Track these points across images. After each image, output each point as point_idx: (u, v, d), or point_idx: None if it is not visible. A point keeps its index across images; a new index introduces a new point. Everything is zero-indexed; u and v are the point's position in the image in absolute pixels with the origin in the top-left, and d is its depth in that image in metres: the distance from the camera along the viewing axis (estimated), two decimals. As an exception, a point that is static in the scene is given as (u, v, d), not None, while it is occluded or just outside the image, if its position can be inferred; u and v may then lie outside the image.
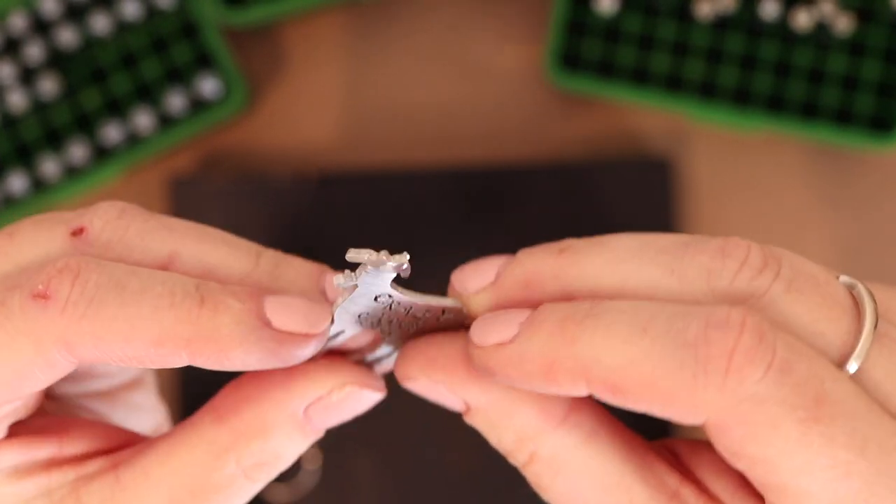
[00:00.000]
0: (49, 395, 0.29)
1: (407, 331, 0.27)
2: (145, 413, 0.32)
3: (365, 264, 0.24)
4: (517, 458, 0.26)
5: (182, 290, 0.24)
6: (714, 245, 0.23)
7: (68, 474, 0.26)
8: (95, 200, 0.58)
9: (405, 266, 0.24)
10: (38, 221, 0.27)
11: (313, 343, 0.25)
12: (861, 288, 0.23)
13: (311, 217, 0.55)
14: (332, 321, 0.25)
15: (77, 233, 0.26)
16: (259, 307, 0.24)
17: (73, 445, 0.27)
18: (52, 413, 0.29)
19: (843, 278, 0.23)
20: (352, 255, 0.24)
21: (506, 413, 0.25)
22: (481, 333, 0.25)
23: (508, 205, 0.55)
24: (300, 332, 0.24)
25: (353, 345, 0.27)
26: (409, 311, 0.26)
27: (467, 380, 0.25)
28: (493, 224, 0.55)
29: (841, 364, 0.22)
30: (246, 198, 0.55)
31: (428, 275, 0.56)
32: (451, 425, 0.54)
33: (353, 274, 0.24)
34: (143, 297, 0.24)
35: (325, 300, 0.26)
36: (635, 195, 0.55)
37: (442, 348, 0.26)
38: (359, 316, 0.26)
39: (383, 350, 0.27)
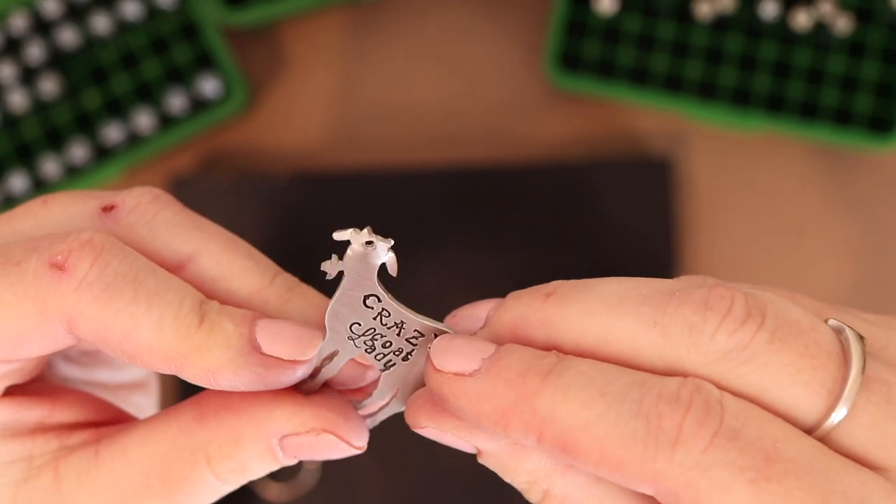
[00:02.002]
0: (52, 375, 0.30)
1: (406, 373, 0.26)
2: (143, 416, 0.32)
3: (350, 244, 0.24)
4: (531, 497, 0.26)
5: (189, 303, 0.25)
6: (697, 297, 0.23)
7: (52, 443, 0.26)
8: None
9: (390, 245, 0.24)
10: (73, 194, 0.27)
11: (301, 369, 0.25)
12: (848, 332, 0.23)
13: (311, 217, 0.55)
14: (325, 333, 0.25)
15: (107, 209, 0.27)
16: (251, 332, 0.25)
17: (62, 413, 0.27)
18: (48, 379, 0.29)
19: (832, 322, 0.23)
20: (337, 234, 0.24)
21: (517, 458, 0.25)
22: (441, 356, 0.25)
23: (508, 205, 0.55)
24: (288, 358, 0.25)
25: (351, 378, 0.27)
26: (400, 329, 0.26)
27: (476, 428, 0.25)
28: (493, 224, 0.55)
29: (826, 414, 0.22)
30: (246, 197, 0.55)
31: (428, 274, 0.57)
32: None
33: (338, 260, 0.25)
34: (155, 299, 0.24)
35: (321, 330, 0.26)
36: (635, 195, 0.55)
37: None
38: (351, 329, 0.26)
39: (380, 397, 0.27)
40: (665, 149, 0.57)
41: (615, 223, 0.55)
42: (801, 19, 0.54)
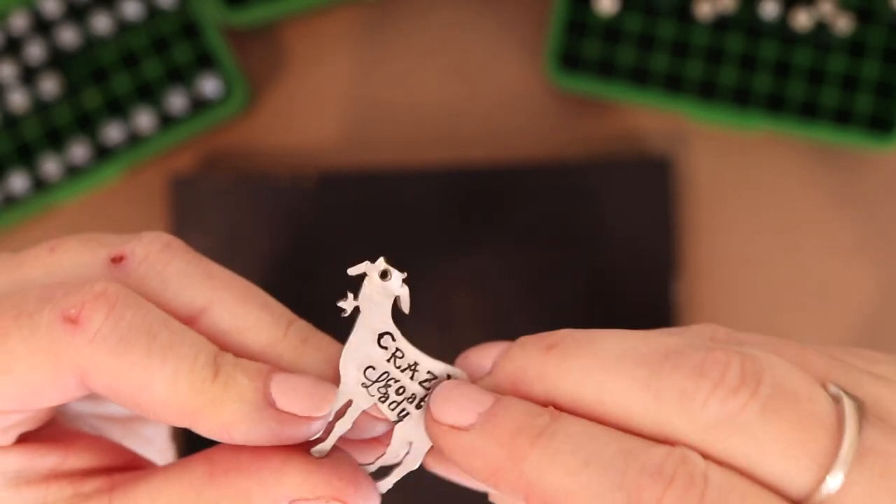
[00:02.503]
0: (63, 411, 0.29)
1: (419, 426, 0.26)
2: (154, 448, 0.32)
3: (367, 276, 0.25)
4: None
5: (204, 357, 0.25)
6: (692, 362, 0.23)
7: (65, 490, 0.26)
8: (96, 200, 0.58)
9: (404, 276, 0.25)
10: (83, 240, 0.27)
11: (316, 425, 0.25)
12: (846, 402, 0.22)
13: (311, 217, 0.55)
14: (340, 381, 0.26)
15: (117, 259, 0.26)
16: (266, 387, 0.25)
17: (76, 459, 0.27)
18: (61, 424, 0.29)
19: (832, 389, 0.23)
20: (352, 270, 0.25)
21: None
22: (439, 406, 0.25)
23: (508, 205, 0.55)
24: (303, 414, 0.25)
25: (362, 429, 0.27)
26: (413, 372, 0.26)
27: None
28: (494, 224, 0.55)
29: (815, 487, 0.22)
30: (246, 198, 0.55)
31: (428, 274, 0.57)
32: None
33: (353, 298, 0.25)
34: (169, 353, 0.24)
35: (335, 382, 0.26)
36: (635, 195, 0.55)
37: None
38: (365, 374, 0.26)
39: (394, 455, 0.27)
40: (665, 149, 0.57)
41: (615, 223, 0.55)
42: (802, 19, 0.54)
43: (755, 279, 0.56)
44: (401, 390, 0.26)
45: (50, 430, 0.27)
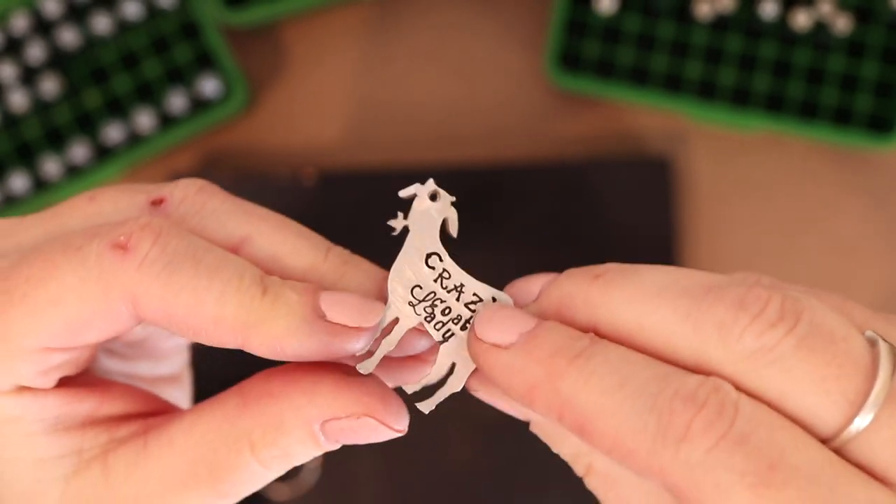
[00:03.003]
0: (94, 368, 0.30)
1: (463, 347, 0.27)
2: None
3: (416, 198, 0.26)
4: (576, 469, 0.27)
5: (250, 276, 0.25)
6: (733, 295, 0.23)
7: (101, 436, 0.27)
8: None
9: (453, 200, 0.26)
10: (120, 189, 0.28)
11: (365, 336, 0.26)
12: (882, 345, 0.23)
13: (311, 217, 0.55)
14: (386, 300, 0.26)
15: (157, 202, 0.27)
16: (315, 301, 0.25)
17: (112, 406, 0.27)
18: (95, 373, 0.29)
19: (869, 333, 0.23)
20: (402, 192, 0.26)
21: (563, 431, 0.26)
22: (483, 325, 0.25)
23: (508, 204, 0.55)
24: (353, 324, 0.25)
25: (409, 348, 0.27)
26: (460, 294, 0.26)
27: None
28: (494, 223, 0.55)
29: (845, 424, 0.22)
30: (246, 197, 0.55)
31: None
32: (450, 425, 0.54)
33: (403, 217, 0.26)
34: (216, 274, 0.25)
35: (379, 300, 0.27)
36: (635, 195, 0.55)
37: None
38: (412, 293, 0.26)
39: (437, 374, 0.27)
40: (665, 148, 0.57)
41: (615, 223, 0.55)
42: (801, 19, 0.54)
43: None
44: (447, 311, 0.26)
45: (85, 378, 0.28)
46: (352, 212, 0.55)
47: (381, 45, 0.58)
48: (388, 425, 0.26)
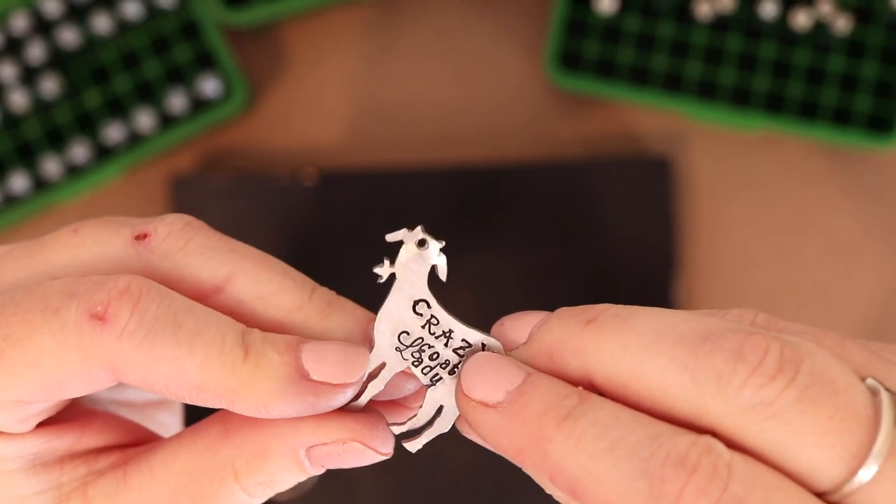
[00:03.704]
0: (84, 398, 0.30)
1: (451, 391, 0.26)
2: (168, 433, 0.32)
3: (403, 244, 0.25)
4: None
5: (232, 337, 0.25)
6: (732, 344, 0.22)
7: (80, 469, 0.27)
8: (97, 199, 0.58)
9: (442, 245, 0.25)
10: (104, 222, 0.28)
11: (349, 391, 0.25)
12: (884, 395, 0.22)
13: (311, 217, 0.55)
14: (372, 345, 0.26)
15: (140, 237, 0.27)
16: (297, 360, 0.25)
17: (91, 438, 0.27)
18: (78, 403, 0.29)
19: (870, 382, 0.23)
20: (390, 236, 0.25)
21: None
22: (470, 381, 0.25)
23: (508, 205, 0.55)
24: (337, 382, 0.25)
25: (393, 388, 0.27)
26: (448, 339, 0.26)
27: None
28: (494, 224, 0.55)
29: (846, 479, 0.21)
30: (246, 197, 0.55)
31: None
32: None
33: (390, 264, 0.25)
34: (197, 340, 0.24)
35: (365, 345, 0.26)
36: (635, 195, 0.55)
37: None
38: (399, 339, 0.26)
39: (425, 416, 0.27)
40: (665, 148, 0.57)
41: (615, 223, 0.55)
42: (801, 19, 0.54)
43: (755, 278, 0.56)
44: (434, 356, 0.26)
45: (66, 411, 0.28)
46: (351, 212, 0.55)
47: (381, 45, 0.58)
48: (375, 449, 0.26)
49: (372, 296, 0.27)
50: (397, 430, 0.27)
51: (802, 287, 0.56)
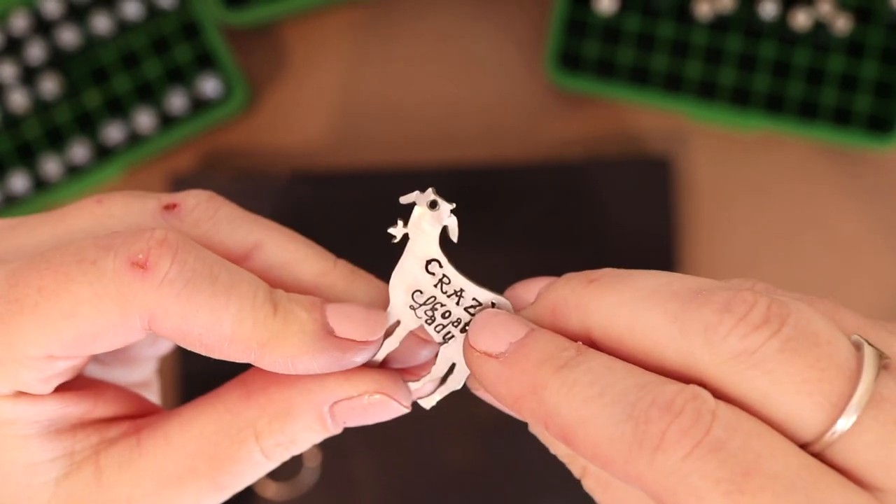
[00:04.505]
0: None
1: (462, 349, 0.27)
2: None
3: (416, 206, 0.26)
4: (573, 471, 0.27)
5: (262, 293, 0.26)
6: (720, 298, 0.23)
7: (92, 437, 0.27)
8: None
9: (453, 206, 0.26)
10: (129, 193, 0.28)
11: (372, 348, 0.27)
12: (866, 349, 0.22)
13: (311, 217, 0.55)
14: (389, 303, 0.27)
15: (170, 207, 0.28)
16: (323, 317, 0.26)
17: (104, 408, 0.28)
18: (86, 375, 0.30)
19: (854, 337, 0.23)
20: (403, 198, 0.27)
21: None
22: (476, 333, 0.26)
23: (508, 204, 0.55)
24: (361, 339, 0.26)
25: (409, 352, 0.28)
26: (459, 298, 0.27)
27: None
28: (494, 223, 0.55)
29: (827, 427, 0.22)
30: (246, 197, 0.55)
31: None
32: (450, 425, 0.54)
33: (403, 225, 0.27)
34: (232, 292, 0.25)
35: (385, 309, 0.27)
36: (635, 194, 0.55)
37: None
38: (413, 297, 0.27)
39: (438, 373, 0.28)
40: (665, 148, 0.57)
41: (615, 222, 0.55)
42: (801, 19, 0.54)
43: (755, 277, 0.56)
44: (446, 314, 0.27)
45: (79, 381, 0.28)
46: (352, 211, 0.55)
47: (381, 45, 0.58)
48: (399, 401, 0.27)
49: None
50: (413, 386, 0.28)
51: (803, 287, 0.56)
